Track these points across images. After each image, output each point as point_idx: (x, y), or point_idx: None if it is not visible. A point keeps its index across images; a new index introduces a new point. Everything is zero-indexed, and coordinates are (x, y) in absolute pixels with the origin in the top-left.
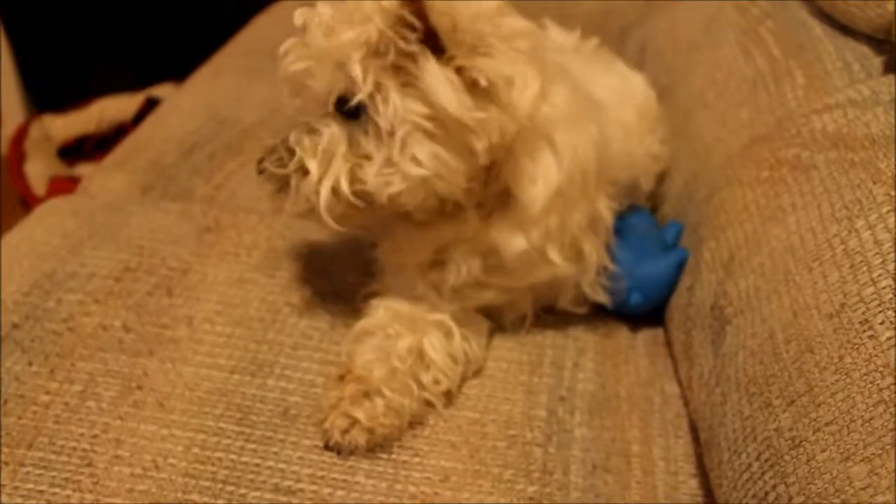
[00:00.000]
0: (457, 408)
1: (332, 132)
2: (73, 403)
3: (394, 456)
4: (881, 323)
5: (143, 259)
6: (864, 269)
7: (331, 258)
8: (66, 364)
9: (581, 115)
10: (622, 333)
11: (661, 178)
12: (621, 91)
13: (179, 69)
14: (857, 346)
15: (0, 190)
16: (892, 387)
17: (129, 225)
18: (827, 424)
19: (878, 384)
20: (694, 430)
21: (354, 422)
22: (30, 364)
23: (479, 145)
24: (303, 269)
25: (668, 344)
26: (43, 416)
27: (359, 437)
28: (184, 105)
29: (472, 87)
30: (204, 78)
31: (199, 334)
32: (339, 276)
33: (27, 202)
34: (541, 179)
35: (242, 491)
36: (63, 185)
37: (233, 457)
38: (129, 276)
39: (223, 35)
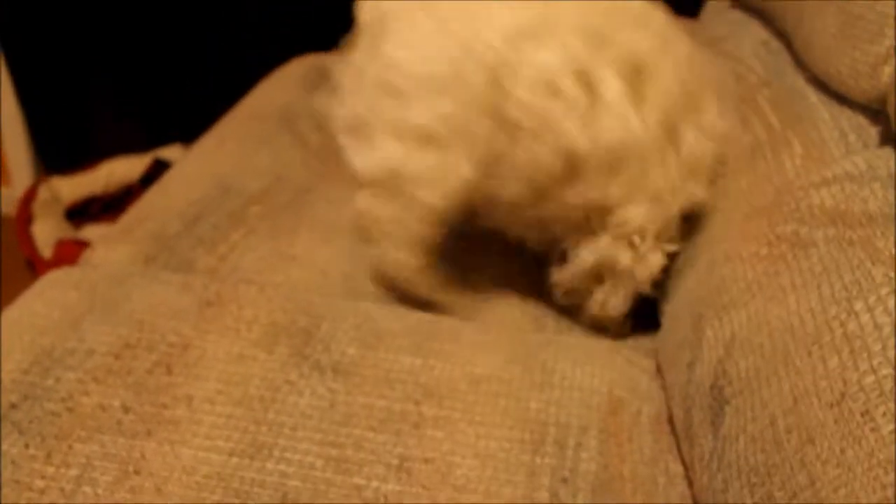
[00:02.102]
0: (457, 490)
1: None
2: (69, 489)
3: None
4: (883, 415)
5: (143, 335)
6: (864, 355)
7: (330, 332)
8: (64, 447)
9: None
10: (626, 409)
11: None
12: None
13: (187, 131)
14: (858, 439)
15: (7, 251)
16: None
17: (131, 298)
18: None
19: (881, 480)
20: None
21: None
22: (26, 446)
23: None
24: (302, 343)
25: (671, 421)
26: (38, 502)
27: None
28: (188, 173)
29: None
30: (208, 145)
31: (198, 415)
32: (338, 350)
33: (34, 264)
34: None
35: None
36: (69, 249)
37: None
38: (129, 353)
39: (230, 97)
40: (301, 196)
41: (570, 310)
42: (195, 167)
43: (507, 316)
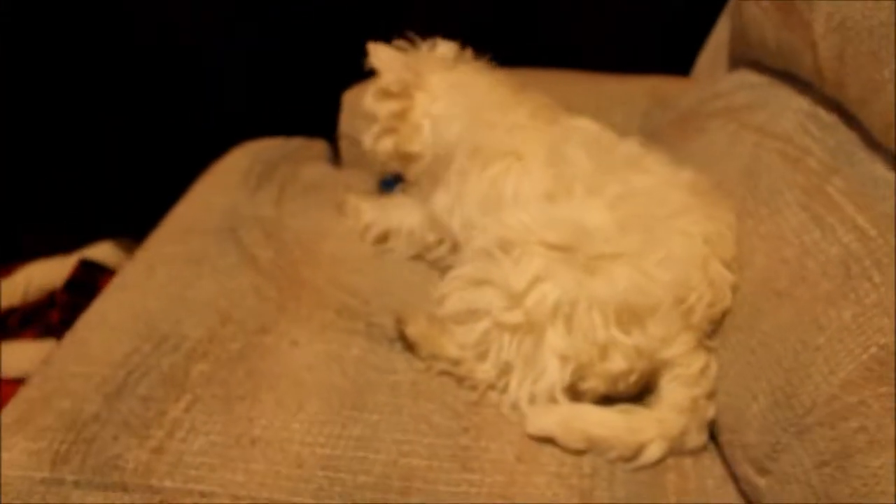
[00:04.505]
0: None
1: None
2: None
3: None
4: None
5: None
6: None
7: None
8: None
9: None
10: None
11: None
12: None
13: (118, 226)
14: None
15: None
16: None
17: None
18: None
19: None
20: None
21: None
22: None
23: None
24: None
25: None
26: None
27: None
28: (109, 318)
29: None
30: (134, 275)
31: None
32: None
33: None
34: None
35: None
36: None
37: None
38: None
39: (167, 186)
40: (256, 340)
41: None
42: (118, 308)
43: None
